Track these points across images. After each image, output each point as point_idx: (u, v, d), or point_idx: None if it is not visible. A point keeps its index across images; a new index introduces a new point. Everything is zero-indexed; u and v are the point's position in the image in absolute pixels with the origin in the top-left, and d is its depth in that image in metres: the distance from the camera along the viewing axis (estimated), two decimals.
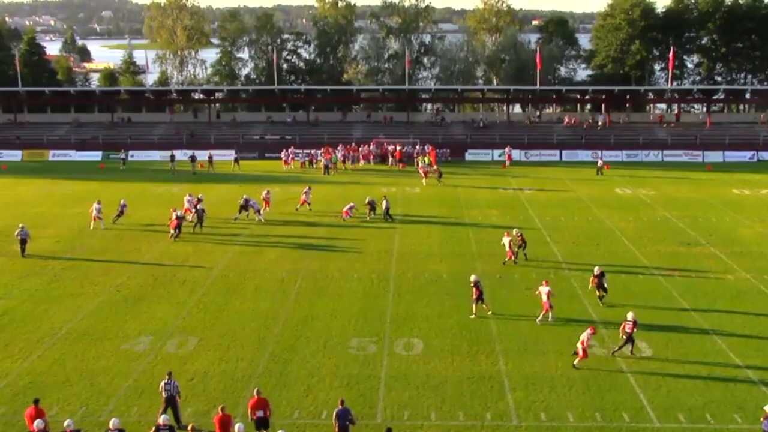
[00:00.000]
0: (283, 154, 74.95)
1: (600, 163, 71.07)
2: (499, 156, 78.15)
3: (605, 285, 34.96)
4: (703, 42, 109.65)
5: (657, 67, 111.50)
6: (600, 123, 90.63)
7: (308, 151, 75.83)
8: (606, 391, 26.28)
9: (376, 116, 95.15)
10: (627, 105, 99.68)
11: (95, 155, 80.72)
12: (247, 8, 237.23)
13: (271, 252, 43.59)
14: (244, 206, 51.42)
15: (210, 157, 73.30)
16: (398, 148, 75.46)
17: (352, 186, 63.06)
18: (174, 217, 46.60)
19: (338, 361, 28.62)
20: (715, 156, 79.14)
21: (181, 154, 75.35)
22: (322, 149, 74.40)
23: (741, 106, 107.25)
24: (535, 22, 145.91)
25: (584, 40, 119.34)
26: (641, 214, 53.60)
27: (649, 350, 29.57)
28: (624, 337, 28.92)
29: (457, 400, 25.71)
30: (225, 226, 49.89)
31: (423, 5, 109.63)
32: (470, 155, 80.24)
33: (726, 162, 77.58)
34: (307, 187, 55.58)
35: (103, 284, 37.80)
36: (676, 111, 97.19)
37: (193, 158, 73.22)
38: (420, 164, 70.51)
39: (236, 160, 73.54)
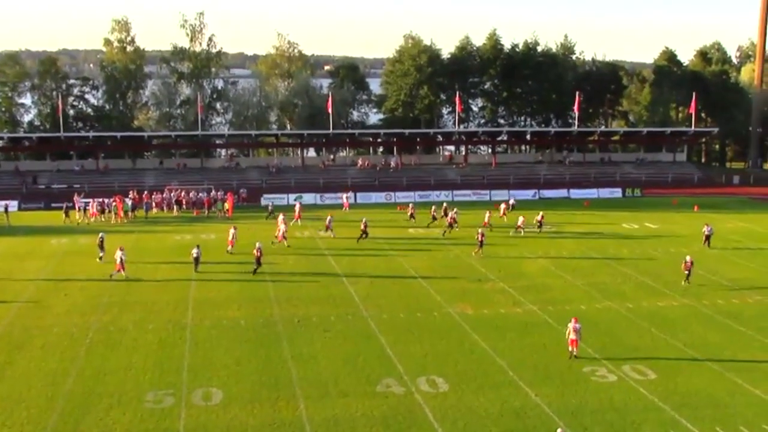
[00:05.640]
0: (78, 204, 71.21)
1: (512, 201, 74.82)
2: (294, 200, 78.33)
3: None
4: (486, 87, 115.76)
5: (445, 110, 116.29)
6: (393, 165, 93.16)
7: (99, 199, 72.91)
8: (406, 429, 26.71)
9: (169, 163, 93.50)
10: (418, 147, 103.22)
11: None
12: (30, 52, 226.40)
13: (59, 306, 41.48)
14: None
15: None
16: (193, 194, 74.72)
17: (146, 235, 61.34)
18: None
19: (133, 416, 27.53)
20: (500, 195, 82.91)
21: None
22: (113, 197, 71.88)
23: (523, 147, 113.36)
24: (327, 68, 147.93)
25: (375, 85, 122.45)
26: (434, 253, 55.32)
27: (446, 385, 30.39)
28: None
29: None
30: (7, 280, 47.14)
31: (214, 51, 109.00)
32: (266, 200, 79.92)
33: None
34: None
35: None
36: (464, 152, 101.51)
37: None
38: (219, 210, 70.58)
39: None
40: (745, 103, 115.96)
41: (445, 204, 69.73)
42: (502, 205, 70.44)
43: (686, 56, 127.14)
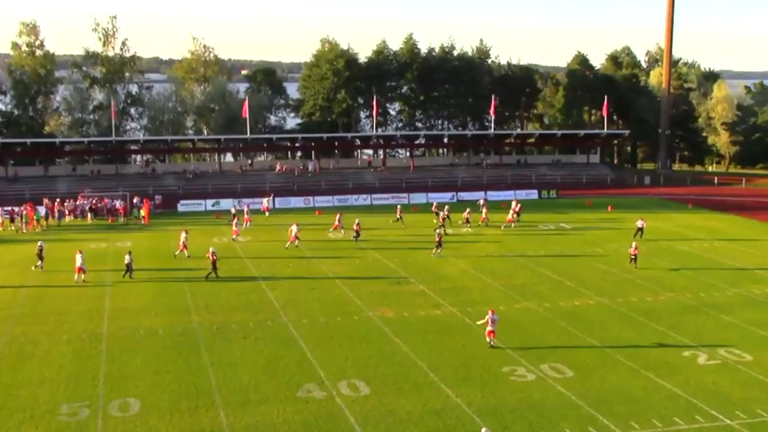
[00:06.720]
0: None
1: (482, 201, 75.36)
2: (213, 206, 77.42)
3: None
4: (403, 91, 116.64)
5: (363, 114, 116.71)
6: (311, 169, 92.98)
7: (8, 208, 70.79)
8: None
9: (83, 169, 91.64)
10: (336, 151, 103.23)
11: None
12: None
13: None
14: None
15: None
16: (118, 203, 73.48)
17: (59, 243, 59.72)
18: None
19: (47, 430, 26.75)
20: (419, 198, 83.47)
21: None
22: (24, 206, 69.83)
23: (440, 150, 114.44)
24: (244, 72, 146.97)
25: (293, 89, 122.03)
26: (354, 256, 55.31)
27: (367, 388, 30.37)
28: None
29: None
30: None
31: (128, 55, 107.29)
32: (183, 206, 78.71)
33: (430, 203, 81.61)
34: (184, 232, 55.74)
35: None
36: (382, 156, 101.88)
37: None
38: (135, 217, 69.62)
39: None
40: (654, 106, 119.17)
41: (436, 203, 72.90)
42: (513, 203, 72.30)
43: (598, 60, 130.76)
